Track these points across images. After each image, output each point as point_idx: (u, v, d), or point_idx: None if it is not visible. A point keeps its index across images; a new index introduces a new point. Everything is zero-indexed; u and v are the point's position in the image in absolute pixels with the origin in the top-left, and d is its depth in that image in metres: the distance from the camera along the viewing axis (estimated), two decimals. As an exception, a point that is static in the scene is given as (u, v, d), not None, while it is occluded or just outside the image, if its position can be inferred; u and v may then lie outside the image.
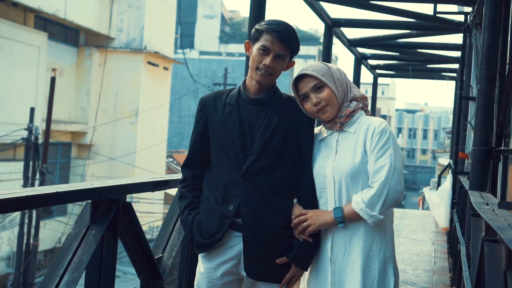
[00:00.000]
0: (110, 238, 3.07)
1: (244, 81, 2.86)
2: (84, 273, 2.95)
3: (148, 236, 20.05)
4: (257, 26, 2.80)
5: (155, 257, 3.66)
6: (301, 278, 2.89)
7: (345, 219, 2.68)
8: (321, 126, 2.89)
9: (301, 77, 2.79)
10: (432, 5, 7.55)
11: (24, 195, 2.46)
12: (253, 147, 2.74)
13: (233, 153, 2.76)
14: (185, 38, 42.21)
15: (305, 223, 2.73)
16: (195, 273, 2.95)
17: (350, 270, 2.69)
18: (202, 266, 2.87)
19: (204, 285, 2.84)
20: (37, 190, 2.65)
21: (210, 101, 2.88)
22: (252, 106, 2.80)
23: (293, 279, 2.82)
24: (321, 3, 7.53)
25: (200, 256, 2.89)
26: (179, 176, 3.07)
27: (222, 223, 2.76)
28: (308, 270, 2.85)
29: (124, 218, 3.23)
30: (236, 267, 2.81)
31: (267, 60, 2.72)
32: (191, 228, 2.84)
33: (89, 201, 3.02)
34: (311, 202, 2.79)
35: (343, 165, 2.71)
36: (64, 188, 2.78)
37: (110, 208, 3.05)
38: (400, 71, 14.52)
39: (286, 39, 2.74)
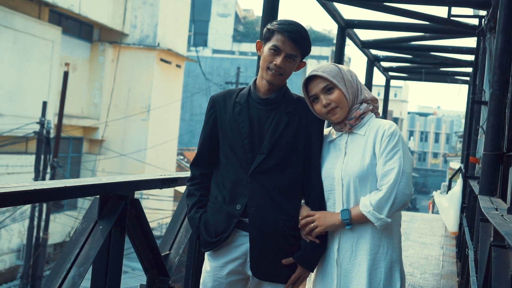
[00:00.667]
0: (118, 233, 3.08)
1: (255, 81, 2.85)
2: (91, 268, 2.97)
3: (157, 233, 20.09)
4: (268, 26, 2.80)
5: (162, 254, 3.67)
6: (307, 279, 2.89)
7: (353, 221, 2.68)
8: (331, 127, 2.88)
9: (311, 78, 2.78)
10: (446, 8, 7.52)
11: (33, 188, 2.47)
12: (262, 147, 2.74)
13: (242, 153, 2.76)
14: (199, 36, 42.25)
15: (312, 224, 2.73)
16: (201, 271, 2.96)
17: (356, 272, 2.69)
18: (208, 265, 2.88)
19: (210, 284, 2.85)
20: (46, 184, 2.66)
21: (220, 100, 2.88)
22: (262, 106, 2.80)
23: (298, 280, 2.81)
24: (335, 4, 7.52)
25: (206, 255, 2.90)
26: (188, 174, 3.08)
27: (229, 222, 2.77)
28: (314, 271, 2.85)
29: (132, 214, 3.24)
30: (242, 266, 2.81)
31: (278, 60, 2.72)
32: (198, 226, 2.84)
33: (98, 196, 3.03)
34: (319, 203, 2.78)
35: (352, 167, 2.70)
36: (73, 183, 2.79)
37: (118, 204, 3.06)
38: (413, 74, 14.48)
39: (298, 39, 2.74)
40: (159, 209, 20.95)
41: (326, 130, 2.91)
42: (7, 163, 17.88)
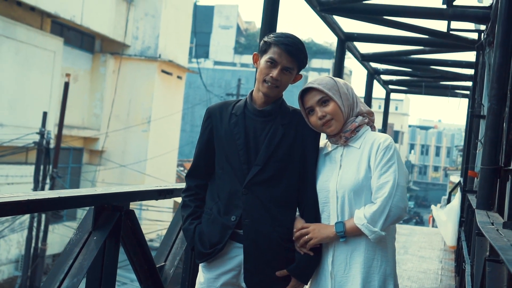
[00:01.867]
0: (112, 244, 3.07)
1: (251, 93, 2.86)
2: (85, 279, 2.95)
3: (156, 244, 20.03)
4: (265, 39, 2.81)
5: (157, 266, 3.66)
6: (301, 291, 2.88)
7: (347, 234, 2.67)
8: (327, 140, 2.89)
9: (307, 91, 2.79)
10: (446, 22, 7.53)
11: (27, 199, 2.47)
12: (257, 159, 2.74)
13: (237, 164, 2.76)
14: (200, 47, 42.41)
15: (306, 237, 2.72)
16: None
17: (350, 285, 2.68)
18: (202, 276, 2.87)
19: (204, 295, 2.84)
20: (40, 194, 2.65)
21: (216, 111, 2.89)
22: (258, 118, 2.80)
23: (292, 293, 2.80)
24: (335, 17, 7.54)
25: (200, 266, 2.89)
26: (184, 185, 3.08)
27: (224, 233, 2.76)
28: (308, 284, 2.84)
29: (126, 225, 3.23)
30: (236, 278, 2.80)
31: (274, 73, 2.72)
32: (193, 238, 2.83)
33: (92, 207, 3.02)
34: (314, 215, 2.78)
35: (347, 180, 2.70)
36: (67, 194, 2.79)
37: (112, 215, 3.05)
38: (413, 87, 14.49)
39: (294, 52, 2.74)
40: (158, 220, 20.91)
41: (321, 143, 2.91)
42: (7, 173, 17.89)
